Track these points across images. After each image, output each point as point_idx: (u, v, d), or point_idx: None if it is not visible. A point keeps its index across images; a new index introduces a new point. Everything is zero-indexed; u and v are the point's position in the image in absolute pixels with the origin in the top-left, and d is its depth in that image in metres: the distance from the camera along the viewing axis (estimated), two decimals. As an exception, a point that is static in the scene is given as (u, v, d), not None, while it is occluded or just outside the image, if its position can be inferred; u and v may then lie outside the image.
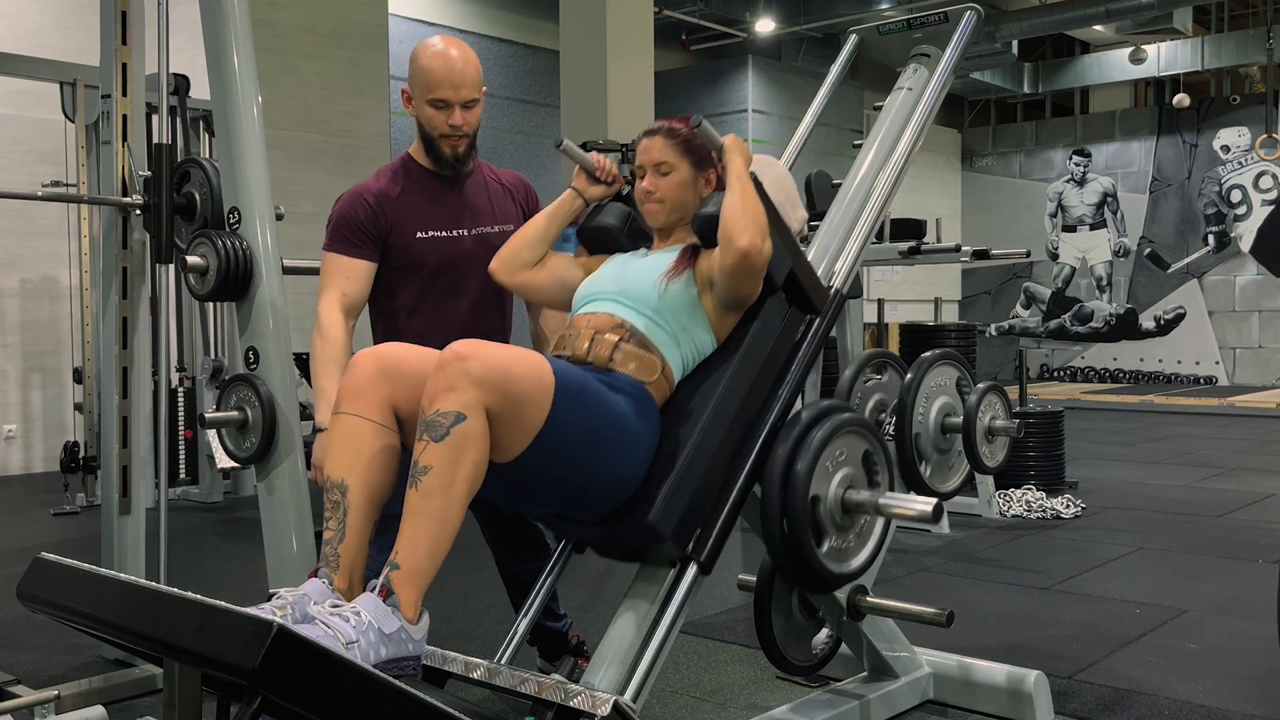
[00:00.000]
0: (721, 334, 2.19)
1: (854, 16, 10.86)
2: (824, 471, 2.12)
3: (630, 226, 2.38)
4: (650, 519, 1.97)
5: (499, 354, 1.84)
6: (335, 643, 1.68)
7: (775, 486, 2.08)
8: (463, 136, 2.48)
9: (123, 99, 3.06)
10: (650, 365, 2.09)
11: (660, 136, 2.27)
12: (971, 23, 2.76)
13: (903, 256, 5.34)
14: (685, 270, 2.17)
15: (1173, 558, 4.44)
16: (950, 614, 2.42)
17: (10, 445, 7.16)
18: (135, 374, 3.11)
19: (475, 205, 2.56)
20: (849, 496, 2.16)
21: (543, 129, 10.42)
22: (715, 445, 2.07)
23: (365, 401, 1.93)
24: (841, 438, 2.16)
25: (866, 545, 2.23)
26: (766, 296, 2.20)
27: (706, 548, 2.04)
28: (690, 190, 2.27)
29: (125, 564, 3.10)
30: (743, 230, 2.07)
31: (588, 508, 2.03)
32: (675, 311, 2.15)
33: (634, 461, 2.00)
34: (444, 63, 2.42)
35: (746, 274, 2.10)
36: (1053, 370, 14.36)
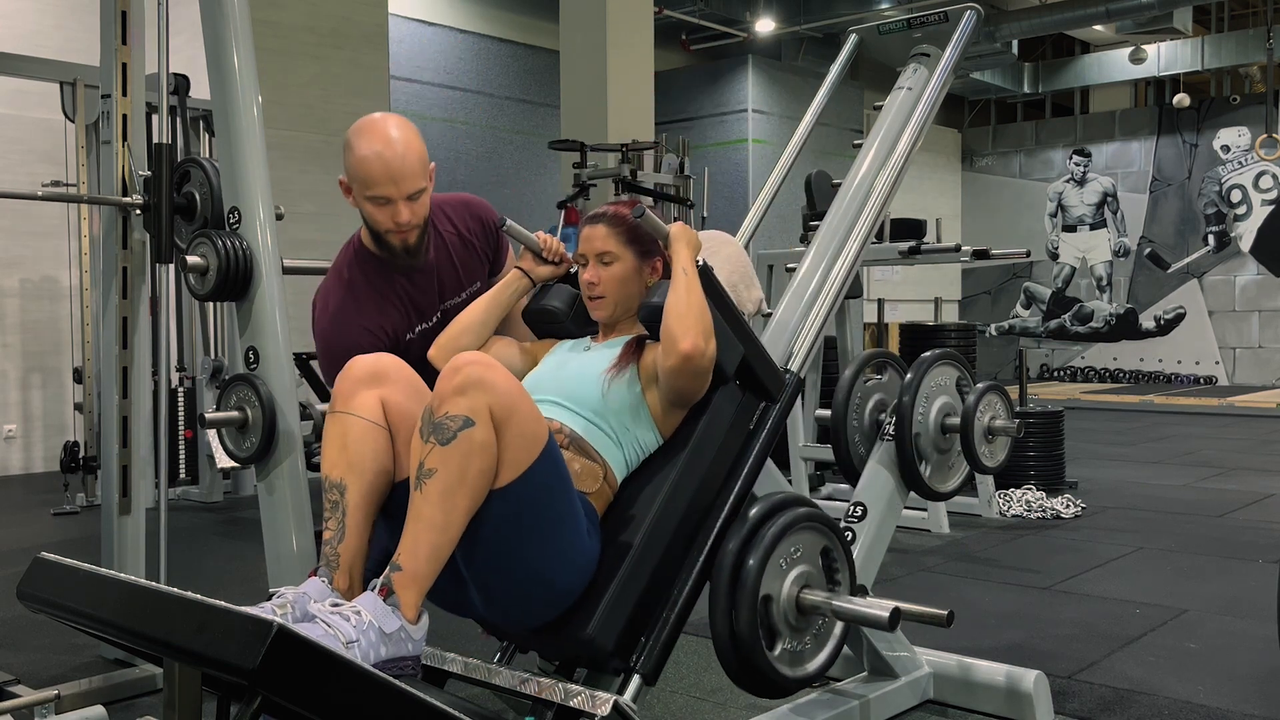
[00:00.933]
0: (667, 430, 2.11)
1: (854, 16, 10.86)
2: (776, 569, 2.00)
3: (577, 310, 2.30)
4: (589, 633, 1.88)
5: (511, 377, 1.85)
6: (335, 642, 1.68)
7: (723, 585, 1.96)
8: (413, 228, 2.27)
9: (123, 99, 3.06)
10: (592, 474, 2.01)
11: (603, 224, 2.19)
12: (971, 22, 2.76)
13: (903, 256, 5.34)
14: (629, 366, 2.10)
15: (1173, 558, 4.44)
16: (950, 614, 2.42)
17: (10, 445, 7.16)
18: (135, 374, 3.11)
19: (443, 284, 2.42)
20: (804, 597, 2.04)
21: (543, 129, 10.42)
22: (661, 549, 1.97)
23: (357, 400, 1.95)
24: (797, 533, 2.05)
25: (825, 647, 2.10)
26: (716, 387, 2.11)
27: (653, 659, 1.94)
28: (634, 281, 2.19)
29: (125, 564, 3.10)
30: (685, 331, 1.99)
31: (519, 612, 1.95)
32: (618, 412, 2.07)
33: (576, 572, 1.92)
34: (380, 155, 2.19)
35: (689, 375, 2.02)
36: (1053, 370, 14.36)
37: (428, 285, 2.40)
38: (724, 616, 1.97)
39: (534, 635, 2.02)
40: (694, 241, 2.14)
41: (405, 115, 2.39)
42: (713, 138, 11.70)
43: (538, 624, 1.97)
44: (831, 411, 2.73)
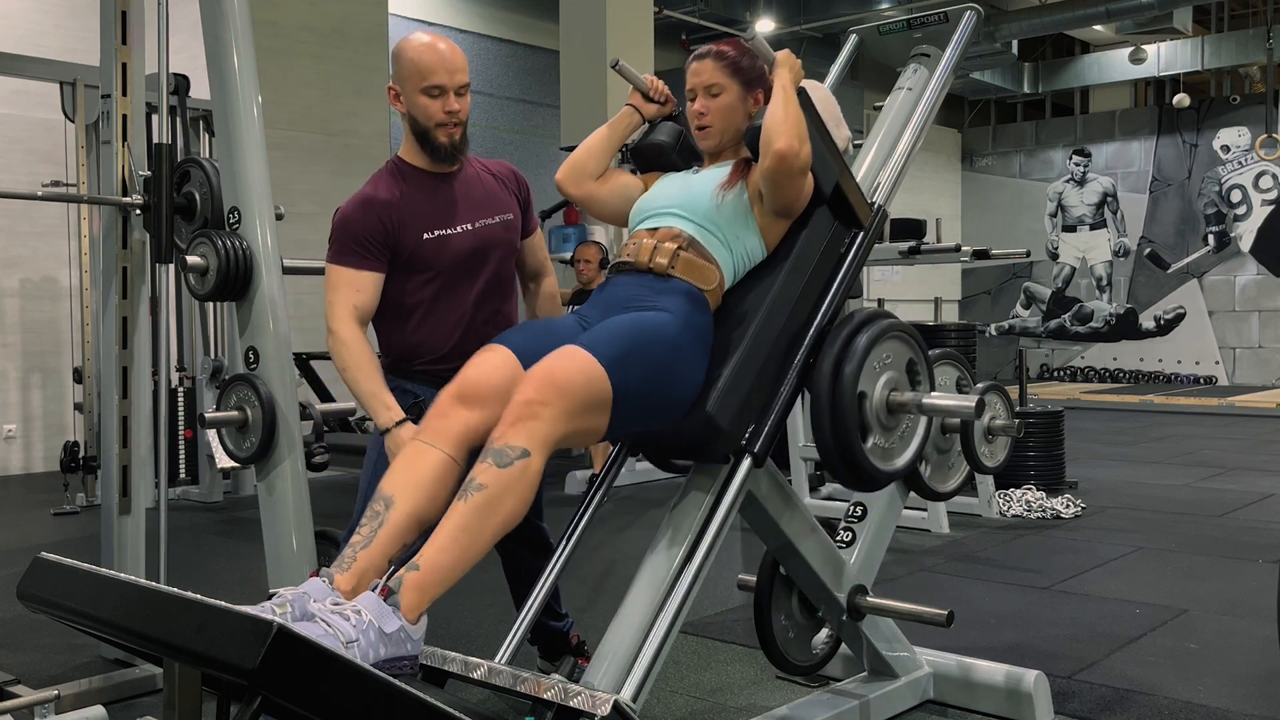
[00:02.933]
0: (771, 242, 2.28)
1: (854, 16, 10.86)
2: (870, 372, 2.22)
3: (682, 145, 2.46)
4: (708, 410, 2.08)
5: (569, 387, 1.92)
6: (335, 641, 1.68)
7: (825, 385, 2.17)
8: (458, 124, 2.48)
9: (123, 99, 3.06)
10: (708, 275, 2.20)
11: (710, 59, 2.33)
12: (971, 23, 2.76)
13: (903, 256, 5.34)
14: (738, 182, 2.26)
15: (1173, 558, 4.44)
16: (950, 614, 2.42)
17: (10, 445, 7.16)
18: (135, 374, 3.11)
19: (473, 198, 2.57)
20: (893, 397, 2.26)
21: (543, 129, 10.42)
22: (767, 346, 2.17)
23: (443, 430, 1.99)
24: (886, 342, 2.26)
25: (910, 446, 2.33)
26: (814, 208, 2.29)
27: (760, 440, 2.13)
28: (740, 110, 2.33)
29: (125, 564, 3.10)
30: (780, 133, 2.14)
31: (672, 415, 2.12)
32: (729, 221, 2.24)
33: (697, 367, 2.11)
34: (433, 51, 2.44)
35: (785, 176, 2.17)
36: (1053, 370, 14.36)
37: (457, 196, 2.55)
38: (826, 413, 2.17)
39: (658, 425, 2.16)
40: (797, 68, 2.27)
41: (406, 115, 2.50)
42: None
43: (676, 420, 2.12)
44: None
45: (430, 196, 2.52)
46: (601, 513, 2.30)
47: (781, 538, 2.35)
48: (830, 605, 2.47)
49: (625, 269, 2.25)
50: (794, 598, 2.54)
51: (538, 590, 2.29)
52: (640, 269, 2.21)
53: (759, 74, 2.33)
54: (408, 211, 2.47)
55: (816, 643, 2.60)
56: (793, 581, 2.50)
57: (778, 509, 2.32)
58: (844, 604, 2.46)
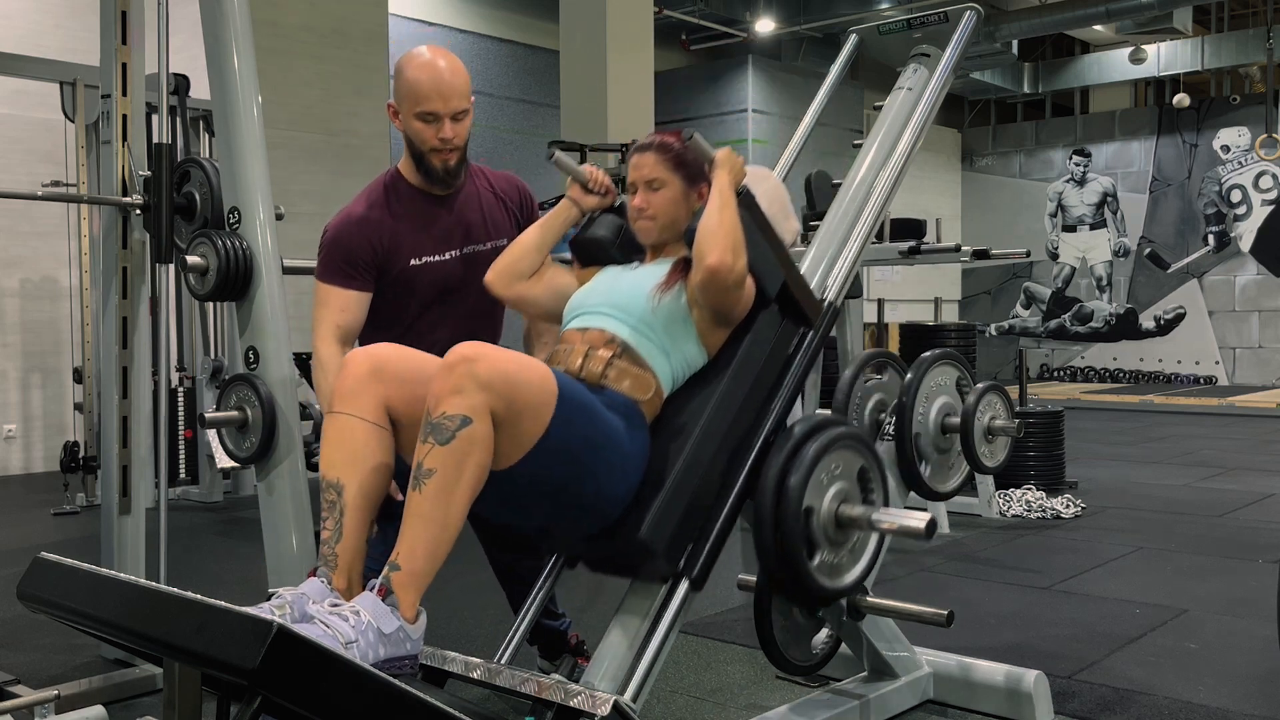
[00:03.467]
0: (712, 348, 2.18)
1: (854, 16, 10.86)
2: (818, 485, 2.10)
3: (623, 238, 2.36)
4: (641, 535, 1.96)
5: (506, 358, 1.84)
6: (334, 642, 1.68)
7: (769, 498, 2.06)
8: (453, 150, 2.41)
9: (123, 99, 3.06)
10: (644, 383, 2.08)
11: (652, 152, 2.26)
12: (971, 23, 2.76)
13: (903, 256, 5.33)
14: (677, 283, 2.15)
15: (1173, 558, 4.44)
16: (950, 614, 2.42)
17: (10, 445, 7.16)
18: (135, 374, 3.11)
19: (467, 222, 2.50)
20: (843, 511, 2.13)
21: (543, 129, 10.42)
22: (707, 461, 2.06)
23: (359, 401, 1.94)
24: (837, 452, 2.14)
25: (860, 561, 2.22)
26: (760, 310, 2.19)
27: (699, 564, 2.02)
28: (682, 206, 2.25)
29: (125, 564, 3.10)
30: (712, 247, 2.04)
31: (576, 524, 2.03)
32: (666, 325, 2.13)
33: (625, 480, 1.99)
34: (431, 74, 2.35)
35: (717, 291, 2.08)
36: (1053, 370, 14.36)
37: (450, 221, 2.48)
38: (768, 528, 2.06)
39: (586, 543, 2.09)
40: (737, 168, 2.20)
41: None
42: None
43: (589, 532, 2.03)
44: (831, 411, 2.72)
45: (423, 219, 2.46)
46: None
47: (781, 538, 2.34)
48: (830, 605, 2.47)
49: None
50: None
51: (537, 590, 2.29)
52: (571, 376, 2.06)
53: (703, 169, 2.23)
54: (398, 235, 2.43)
55: (816, 643, 2.59)
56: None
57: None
58: (844, 604, 2.46)
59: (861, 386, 2.75)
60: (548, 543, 2.23)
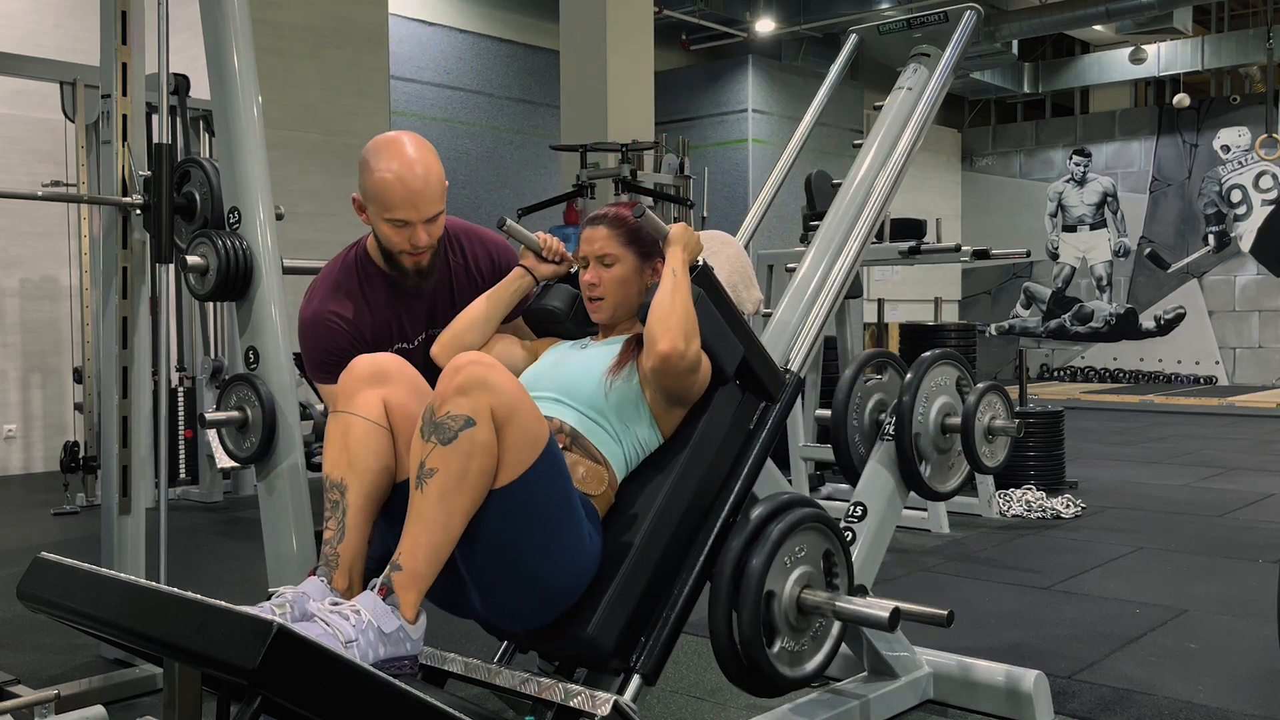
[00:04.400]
0: (667, 429, 2.11)
1: (854, 16, 10.85)
2: (780, 568, 2.01)
3: (577, 309, 2.30)
4: (589, 633, 1.89)
5: (513, 378, 1.85)
6: (334, 641, 1.68)
7: (725, 582, 1.96)
8: (428, 250, 2.28)
9: (123, 99, 3.06)
10: (597, 476, 2.01)
11: (604, 226, 2.20)
12: (971, 22, 2.76)
13: (903, 256, 5.34)
14: (628, 364, 2.09)
15: (1173, 558, 4.44)
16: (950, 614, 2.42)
17: (10, 445, 7.16)
18: (135, 374, 3.11)
19: (438, 308, 2.40)
20: (805, 597, 2.05)
21: (543, 129, 10.42)
22: (661, 549, 1.98)
23: (359, 400, 1.94)
24: (801, 534, 2.05)
25: (822, 648, 2.12)
26: (717, 386, 2.12)
27: (653, 659, 1.94)
28: (634, 283, 2.19)
29: (125, 564, 3.10)
30: (664, 332, 1.98)
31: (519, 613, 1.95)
32: (619, 409, 2.07)
33: (578, 571, 1.92)
34: (402, 179, 2.19)
35: (669, 376, 2.01)
36: (1053, 370, 14.35)
37: (418, 308, 2.39)
38: (724, 614, 1.96)
39: (534, 636, 2.02)
40: (692, 243, 2.13)
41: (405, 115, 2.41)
42: (713, 138, 11.70)
43: (538, 625, 1.97)
44: (831, 411, 2.73)
45: (396, 309, 2.37)
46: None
47: (781, 538, 2.33)
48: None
49: None
50: (794, 598, 2.53)
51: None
52: None
53: (657, 243, 2.16)
54: (376, 327, 2.35)
55: (816, 643, 2.59)
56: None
57: (777, 509, 2.30)
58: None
59: (861, 386, 2.75)
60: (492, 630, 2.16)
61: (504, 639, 2.25)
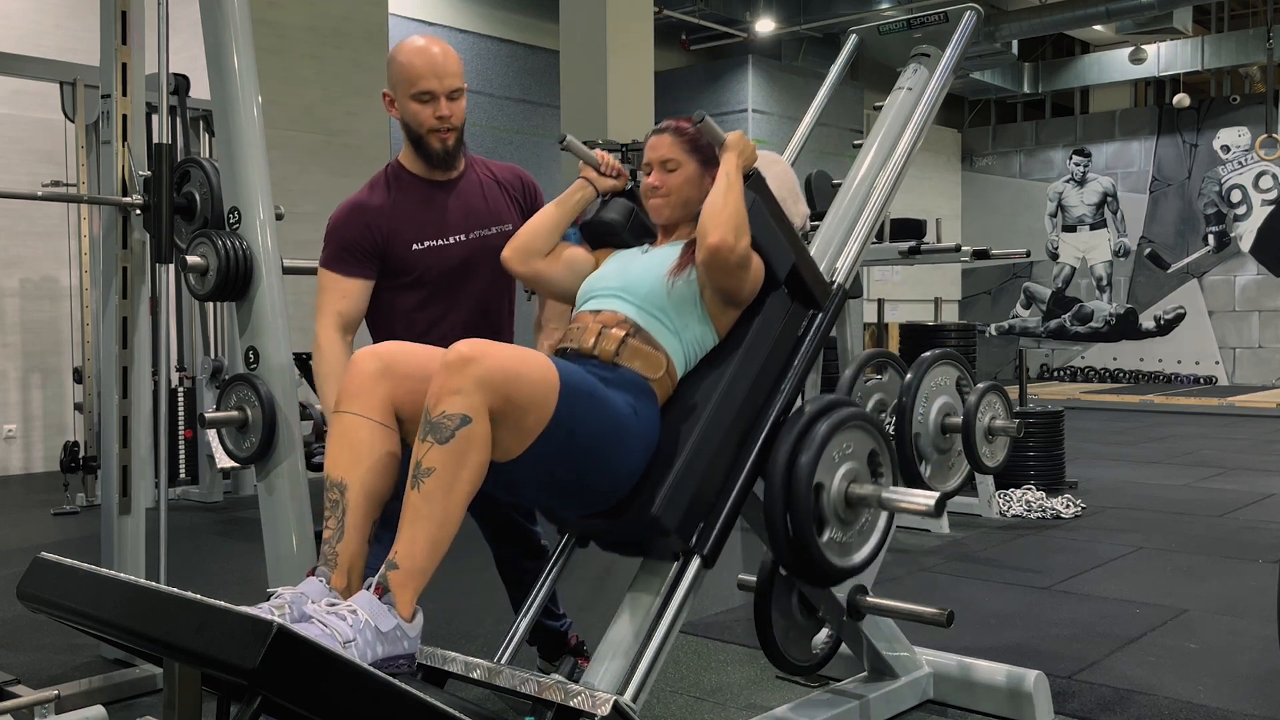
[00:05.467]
0: (723, 329, 2.20)
1: (854, 16, 10.86)
2: (829, 462, 2.12)
3: (634, 222, 2.40)
4: (653, 512, 1.98)
5: (505, 355, 1.84)
6: (333, 641, 1.68)
7: (779, 476, 2.08)
8: (451, 130, 2.44)
9: (123, 99, 3.06)
10: (655, 363, 2.10)
11: (667, 134, 2.30)
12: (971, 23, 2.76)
13: (903, 256, 5.34)
14: (688, 266, 2.18)
15: (1173, 558, 4.44)
16: (950, 614, 2.42)
17: (10, 445, 7.16)
18: (135, 374, 3.11)
19: (470, 208, 2.52)
20: (852, 490, 2.16)
21: (543, 129, 10.42)
22: (718, 440, 2.08)
23: (365, 401, 1.93)
24: (847, 431, 2.16)
25: (869, 541, 2.23)
26: (769, 292, 2.21)
27: (710, 541, 2.04)
28: (695, 187, 2.27)
29: (125, 564, 3.10)
30: (715, 227, 2.07)
31: (585, 503, 2.05)
32: (678, 307, 2.15)
33: (632, 459, 2.00)
34: (424, 56, 2.40)
35: (719, 270, 2.10)
36: (1053, 370, 14.36)
37: (453, 205, 2.50)
38: (779, 505, 2.08)
39: (596, 520, 2.09)
40: (747, 151, 2.22)
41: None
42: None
43: (598, 510, 2.05)
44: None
45: (424, 205, 2.49)
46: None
47: (781, 538, 2.34)
48: (830, 605, 2.47)
49: (568, 354, 2.13)
50: (794, 598, 2.54)
51: (537, 590, 2.29)
52: (584, 354, 2.10)
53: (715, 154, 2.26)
54: (399, 220, 2.45)
55: (816, 643, 2.59)
56: (793, 581, 2.49)
57: (777, 509, 2.31)
58: (844, 604, 2.46)
59: (861, 386, 2.75)
60: (557, 521, 2.25)
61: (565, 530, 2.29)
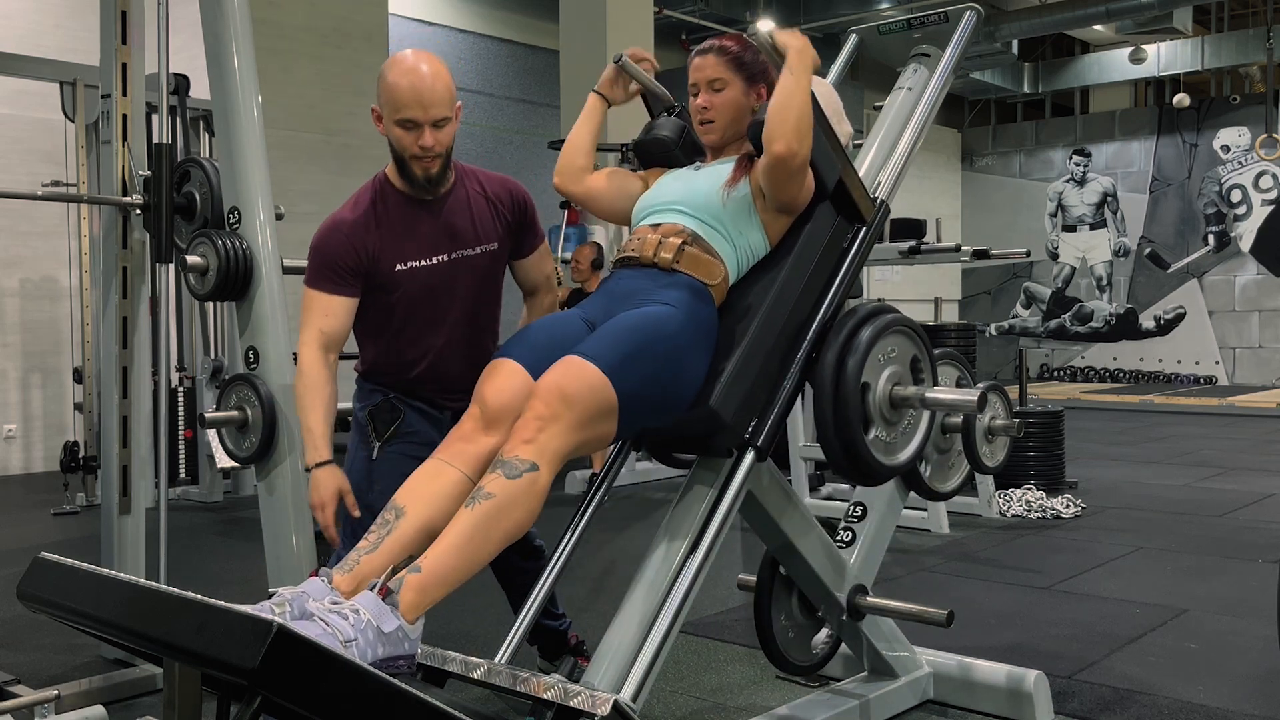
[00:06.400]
0: (774, 237, 2.27)
1: (854, 16, 10.86)
2: (874, 365, 2.23)
3: (685, 140, 2.46)
4: (712, 404, 2.08)
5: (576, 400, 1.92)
6: (333, 640, 1.68)
7: (829, 374, 2.18)
8: (435, 157, 2.37)
9: (123, 99, 3.06)
10: (713, 269, 2.19)
11: (713, 54, 2.35)
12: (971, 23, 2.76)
13: (903, 256, 5.34)
14: (741, 178, 2.25)
15: (1173, 558, 4.44)
16: (950, 614, 2.42)
17: (10, 445, 7.16)
18: (135, 374, 3.11)
19: (454, 227, 2.46)
20: (896, 391, 2.26)
21: (543, 129, 10.42)
22: (770, 341, 2.17)
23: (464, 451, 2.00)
24: (891, 336, 2.26)
25: (912, 440, 2.32)
26: (817, 204, 2.29)
27: (764, 434, 2.13)
28: (743, 105, 2.33)
29: (125, 564, 3.10)
30: (781, 134, 2.13)
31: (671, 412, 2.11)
32: (733, 217, 2.24)
33: (698, 364, 2.10)
34: (411, 81, 2.31)
35: (783, 175, 2.17)
36: (1053, 370, 14.36)
37: (436, 226, 2.45)
38: (829, 404, 2.18)
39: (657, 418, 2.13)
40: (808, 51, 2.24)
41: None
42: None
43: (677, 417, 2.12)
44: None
45: (408, 224, 2.43)
46: (601, 512, 2.30)
47: (781, 537, 2.34)
48: (830, 605, 2.47)
49: (630, 263, 2.24)
50: (794, 598, 2.54)
51: (537, 590, 2.29)
52: (645, 263, 2.21)
53: (762, 69, 2.34)
54: (383, 240, 2.40)
55: (816, 643, 2.60)
56: (793, 581, 2.50)
57: (778, 508, 2.32)
58: (844, 604, 2.46)
59: (861, 386, 2.75)
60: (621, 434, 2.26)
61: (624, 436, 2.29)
